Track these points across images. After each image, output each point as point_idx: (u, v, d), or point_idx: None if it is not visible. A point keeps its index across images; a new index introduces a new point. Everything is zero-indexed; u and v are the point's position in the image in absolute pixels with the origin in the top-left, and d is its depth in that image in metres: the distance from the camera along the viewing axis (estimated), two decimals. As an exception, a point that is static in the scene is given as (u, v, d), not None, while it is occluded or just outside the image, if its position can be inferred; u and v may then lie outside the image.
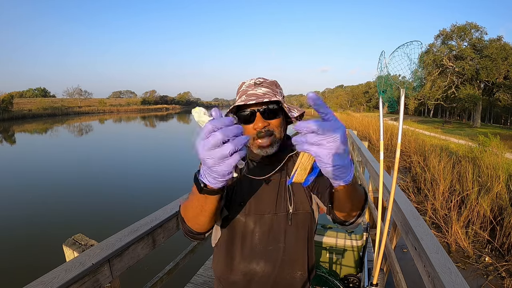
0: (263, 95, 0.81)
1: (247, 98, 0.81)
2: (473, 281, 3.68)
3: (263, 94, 0.82)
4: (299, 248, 0.89)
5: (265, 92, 0.82)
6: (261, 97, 0.80)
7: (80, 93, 74.92)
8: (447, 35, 28.31)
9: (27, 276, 3.62)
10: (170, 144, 17.25)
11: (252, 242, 0.87)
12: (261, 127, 0.81)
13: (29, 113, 43.05)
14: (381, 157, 1.04)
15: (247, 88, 0.85)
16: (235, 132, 0.43)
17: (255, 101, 0.78)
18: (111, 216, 5.68)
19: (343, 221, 0.71)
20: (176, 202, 1.80)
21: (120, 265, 1.26)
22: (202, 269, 2.63)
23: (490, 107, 33.29)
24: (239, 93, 0.87)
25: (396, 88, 1.11)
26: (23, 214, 5.95)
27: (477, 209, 4.80)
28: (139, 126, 33.72)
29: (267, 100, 0.79)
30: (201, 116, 0.47)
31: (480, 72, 25.86)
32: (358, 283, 2.12)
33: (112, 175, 9.26)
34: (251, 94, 0.82)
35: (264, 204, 0.87)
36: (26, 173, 9.58)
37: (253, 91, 0.83)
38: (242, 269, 0.88)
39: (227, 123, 0.43)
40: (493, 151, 7.51)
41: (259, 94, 0.82)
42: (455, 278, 1.09)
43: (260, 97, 0.80)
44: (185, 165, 10.55)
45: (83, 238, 1.36)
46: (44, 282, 0.98)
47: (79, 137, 21.85)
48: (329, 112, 0.42)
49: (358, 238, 2.20)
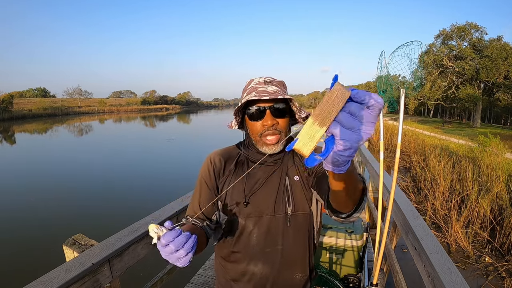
0: (274, 93, 0.81)
1: (260, 94, 0.80)
2: (473, 281, 3.68)
3: (274, 92, 0.81)
4: (298, 249, 0.89)
5: (275, 91, 0.82)
6: (272, 95, 0.79)
7: (80, 93, 74.97)
8: (447, 35, 28.31)
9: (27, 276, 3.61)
10: (170, 144, 17.24)
11: (250, 243, 0.87)
12: (270, 125, 0.81)
13: (29, 113, 43.07)
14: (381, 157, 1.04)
15: (256, 85, 0.85)
16: (183, 241, 0.56)
17: (269, 97, 0.78)
18: (111, 216, 5.67)
19: (339, 212, 0.66)
20: (176, 202, 1.80)
21: (120, 265, 1.26)
22: (202, 269, 2.63)
23: (490, 107, 33.29)
24: (248, 90, 0.86)
25: (396, 88, 1.11)
26: (23, 214, 5.94)
27: (477, 209, 4.80)
28: (139, 126, 33.72)
29: (281, 97, 0.79)
30: (155, 231, 0.55)
31: (480, 72, 25.86)
32: (358, 283, 2.11)
33: (112, 175, 9.25)
34: (261, 91, 0.82)
35: (263, 205, 0.87)
36: (26, 173, 9.57)
37: (263, 88, 0.83)
38: (241, 270, 0.89)
39: (175, 236, 0.55)
40: (493, 151, 7.51)
41: (270, 92, 0.81)
42: (455, 278, 1.09)
43: (271, 94, 0.80)
44: (185, 165, 10.55)
45: (83, 238, 1.36)
46: (44, 282, 0.98)
47: (79, 137, 21.85)
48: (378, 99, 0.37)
49: (358, 238, 2.20)
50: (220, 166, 0.90)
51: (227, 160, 0.92)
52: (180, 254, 0.55)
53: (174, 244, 0.54)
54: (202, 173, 0.91)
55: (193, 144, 16.85)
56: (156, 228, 0.55)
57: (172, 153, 14.09)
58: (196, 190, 0.91)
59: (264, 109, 0.81)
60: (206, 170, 0.90)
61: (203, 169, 0.91)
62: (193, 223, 0.84)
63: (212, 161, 0.91)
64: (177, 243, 0.54)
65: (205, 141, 17.62)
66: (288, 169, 0.89)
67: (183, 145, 16.81)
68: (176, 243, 0.54)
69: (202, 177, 0.91)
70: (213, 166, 0.90)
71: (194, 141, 18.38)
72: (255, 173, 0.89)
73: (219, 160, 0.91)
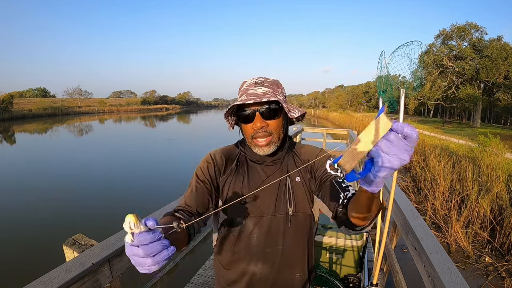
0: (263, 94, 0.81)
1: (246, 98, 0.81)
2: (473, 281, 3.68)
3: (263, 93, 0.81)
4: (298, 250, 0.89)
5: (265, 92, 0.82)
6: (260, 97, 0.79)
7: (80, 93, 74.92)
8: (447, 35, 28.29)
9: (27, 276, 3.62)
10: (170, 144, 17.24)
11: (250, 243, 0.87)
12: (259, 127, 0.81)
13: (29, 113, 43.02)
14: (381, 157, 1.03)
15: (247, 88, 0.85)
16: (157, 250, 0.45)
17: (253, 101, 0.78)
18: (111, 216, 5.67)
19: (355, 226, 0.67)
20: (175, 202, 1.80)
21: (120, 265, 1.26)
22: (202, 269, 2.63)
23: (490, 107, 33.28)
24: (240, 92, 0.87)
25: (396, 88, 1.11)
26: (23, 214, 5.94)
27: (477, 209, 4.80)
28: (139, 126, 33.72)
29: (266, 100, 0.79)
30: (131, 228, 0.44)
31: (480, 72, 25.85)
32: (358, 283, 2.12)
33: (112, 175, 9.26)
34: (251, 93, 0.82)
35: (263, 205, 0.86)
36: (26, 173, 9.57)
37: (253, 90, 0.83)
38: (241, 270, 0.88)
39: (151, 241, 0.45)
40: (493, 151, 7.50)
41: (258, 94, 0.81)
42: (455, 278, 1.09)
43: (259, 96, 0.80)
44: (185, 165, 10.55)
45: (83, 238, 1.36)
46: (44, 282, 0.98)
47: (79, 137, 21.85)
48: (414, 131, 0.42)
49: (358, 238, 2.20)
50: (221, 163, 0.89)
51: (228, 158, 0.91)
52: (145, 262, 0.45)
53: (144, 249, 0.44)
54: (201, 167, 0.89)
55: (193, 144, 16.85)
56: (133, 222, 0.44)
57: (172, 153, 14.09)
58: (191, 183, 0.88)
59: (253, 111, 0.81)
60: (205, 165, 0.89)
61: (202, 164, 0.90)
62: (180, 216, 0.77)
63: (213, 157, 0.90)
64: (148, 250, 0.44)
65: (205, 141, 17.61)
66: (288, 170, 0.89)
67: (183, 145, 16.81)
68: (147, 249, 0.44)
69: (200, 171, 0.88)
70: (214, 163, 0.89)
71: (194, 141, 18.38)
72: (255, 173, 0.89)
73: (220, 158, 0.90)
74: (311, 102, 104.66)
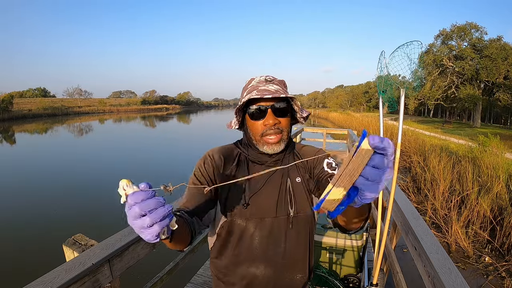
0: (276, 91, 0.80)
1: (262, 93, 0.79)
2: (473, 281, 3.68)
3: (275, 91, 0.80)
4: (299, 251, 0.88)
5: (276, 89, 0.81)
6: (274, 94, 0.78)
7: (80, 93, 74.91)
8: (447, 35, 28.31)
9: (27, 276, 3.61)
10: (170, 145, 17.25)
11: (251, 246, 0.85)
12: (271, 124, 0.80)
13: (29, 113, 42.96)
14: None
15: (257, 84, 0.84)
16: (152, 206, 0.44)
17: (272, 96, 0.77)
18: (111, 216, 5.67)
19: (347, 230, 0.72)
20: (175, 202, 1.79)
21: (120, 265, 1.26)
22: (202, 269, 2.63)
23: (490, 107, 33.27)
24: (248, 88, 0.85)
25: (396, 88, 1.11)
26: (24, 214, 5.94)
27: (477, 209, 4.80)
28: (139, 126, 33.72)
29: (283, 96, 0.78)
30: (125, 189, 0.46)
31: (480, 72, 25.87)
32: (358, 283, 2.12)
33: (112, 175, 9.26)
34: (263, 89, 0.81)
35: (264, 207, 0.85)
36: (26, 174, 9.57)
37: (265, 87, 0.82)
38: (241, 273, 0.87)
39: (144, 198, 0.44)
40: (493, 151, 7.51)
41: (271, 91, 0.80)
42: (455, 278, 1.09)
43: (273, 93, 0.78)
44: (185, 165, 10.54)
45: (83, 238, 1.36)
46: (44, 282, 0.98)
47: (79, 137, 21.84)
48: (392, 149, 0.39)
49: (358, 238, 2.20)
50: (220, 163, 0.86)
51: (226, 158, 0.88)
52: (144, 222, 0.44)
53: (140, 206, 0.44)
54: (199, 167, 0.85)
55: (194, 144, 16.84)
56: (126, 184, 0.45)
57: (172, 153, 14.09)
58: (190, 184, 0.85)
59: (265, 108, 0.80)
60: (202, 165, 0.85)
61: (200, 164, 0.86)
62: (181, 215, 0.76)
63: (211, 157, 0.86)
64: (143, 206, 0.44)
65: (205, 141, 17.61)
66: (289, 170, 0.88)
67: (183, 145, 16.81)
68: (142, 206, 0.44)
69: (198, 172, 0.85)
70: (212, 163, 0.85)
71: (194, 141, 18.38)
72: (255, 173, 0.88)
73: (219, 157, 0.86)
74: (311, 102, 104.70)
